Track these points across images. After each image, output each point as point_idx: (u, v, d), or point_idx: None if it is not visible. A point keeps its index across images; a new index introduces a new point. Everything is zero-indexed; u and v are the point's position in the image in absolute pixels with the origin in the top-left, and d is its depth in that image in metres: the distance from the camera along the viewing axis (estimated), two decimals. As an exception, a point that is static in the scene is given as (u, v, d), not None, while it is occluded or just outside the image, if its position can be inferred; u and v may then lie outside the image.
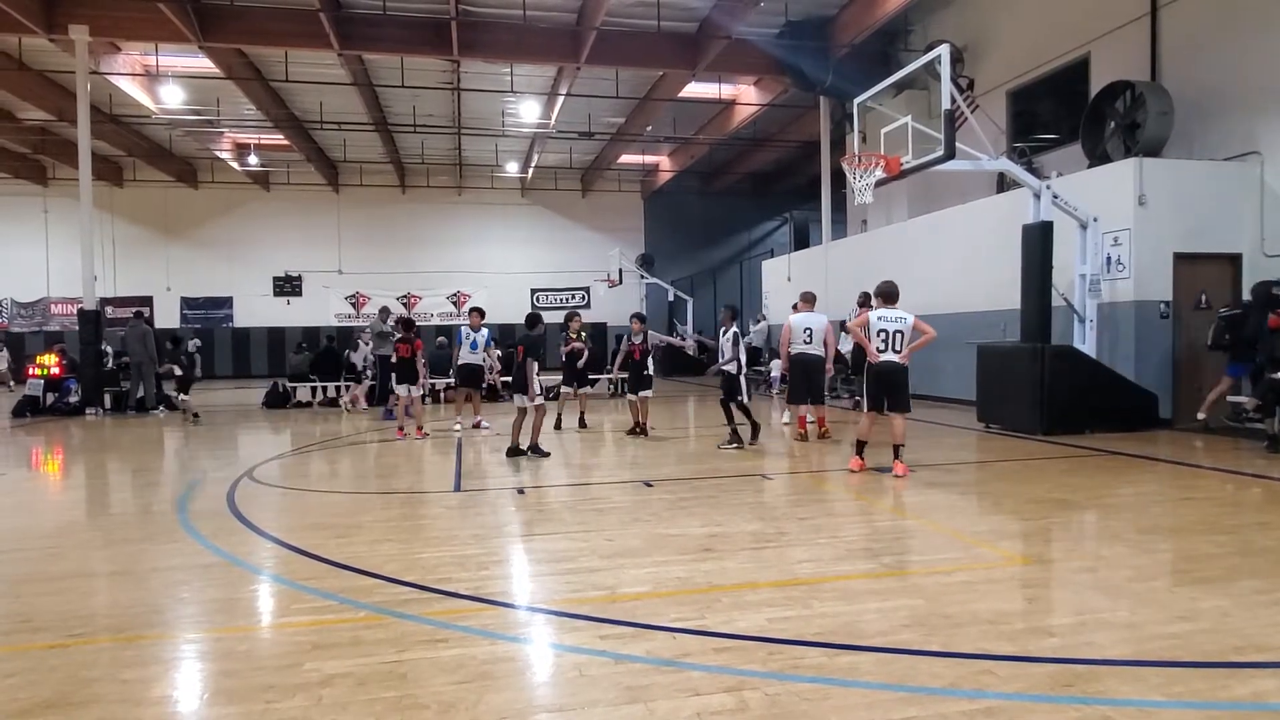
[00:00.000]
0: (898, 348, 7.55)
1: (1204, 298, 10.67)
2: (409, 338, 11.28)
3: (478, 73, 19.31)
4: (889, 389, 7.58)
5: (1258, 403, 8.96)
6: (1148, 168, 10.50)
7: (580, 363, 11.65)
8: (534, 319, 9.42)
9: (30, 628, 3.81)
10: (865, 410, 7.93)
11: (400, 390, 11.30)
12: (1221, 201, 10.58)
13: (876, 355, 7.56)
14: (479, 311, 11.74)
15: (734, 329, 9.63)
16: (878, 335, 7.56)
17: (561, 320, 12.33)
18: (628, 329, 11.40)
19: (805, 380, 10.04)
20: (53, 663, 3.37)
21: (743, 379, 9.51)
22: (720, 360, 9.70)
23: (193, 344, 14.98)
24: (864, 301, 13.65)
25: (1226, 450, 8.72)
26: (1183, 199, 10.49)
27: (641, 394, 10.71)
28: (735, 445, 9.31)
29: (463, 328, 11.69)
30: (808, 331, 9.96)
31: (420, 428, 11.20)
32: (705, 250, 31.07)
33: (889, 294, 7.79)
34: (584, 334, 11.76)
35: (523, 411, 9.10)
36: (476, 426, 11.86)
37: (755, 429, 9.69)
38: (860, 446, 7.75)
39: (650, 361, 11.00)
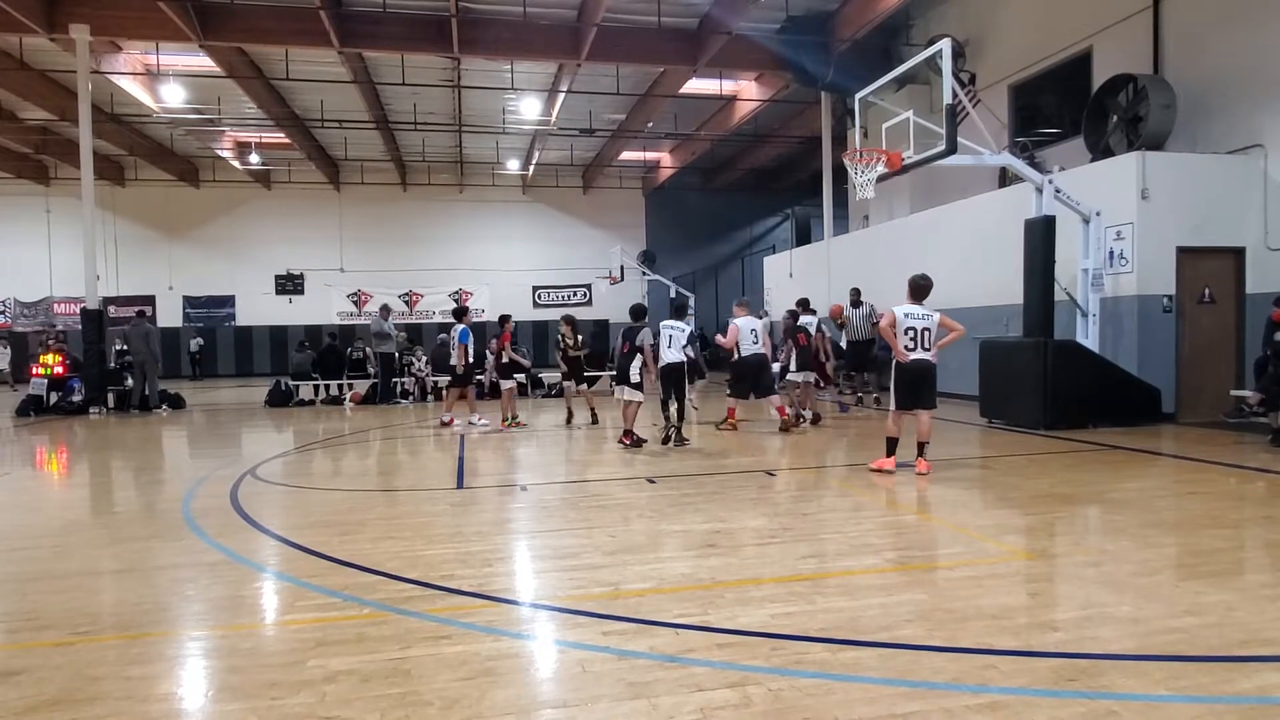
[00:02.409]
0: (927, 345, 7.37)
1: (1207, 292, 10.65)
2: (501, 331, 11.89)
3: (478, 70, 19.30)
4: (920, 387, 7.42)
5: (1261, 397, 8.95)
6: (1150, 161, 10.47)
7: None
8: (639, 311, 9.88)
9: (36, 625, 3.83)
10: (893, 409, 7.61)
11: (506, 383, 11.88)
12: (1225, 195, 10.55)
13: (905, 355, 7.36)
14: (468, 311, 12.43)
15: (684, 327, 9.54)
16: (905, 333, 7.37)
17: (558, 322, 12.56)
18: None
19: (753, 378, 10.34)
20: (59, 660, 3.38)
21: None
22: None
23: (195, 343, 15.03)
24: (855, 299, 13.69)
25: (1230, 445, 8.70)
26: (1186, 193, 10.46)
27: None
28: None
29: (465, 328, 11.75)
30: (753, 333, 10.36)
31: (505, 419, 11.56)
32: (707, 246, 31.07)
33: (920, 288, 7.56)
34: (580, 338, 12.19)
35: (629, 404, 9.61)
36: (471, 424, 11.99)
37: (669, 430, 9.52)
38: (891, 445, 7.48)
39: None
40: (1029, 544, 5.06)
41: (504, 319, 12.10)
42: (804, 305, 12.36)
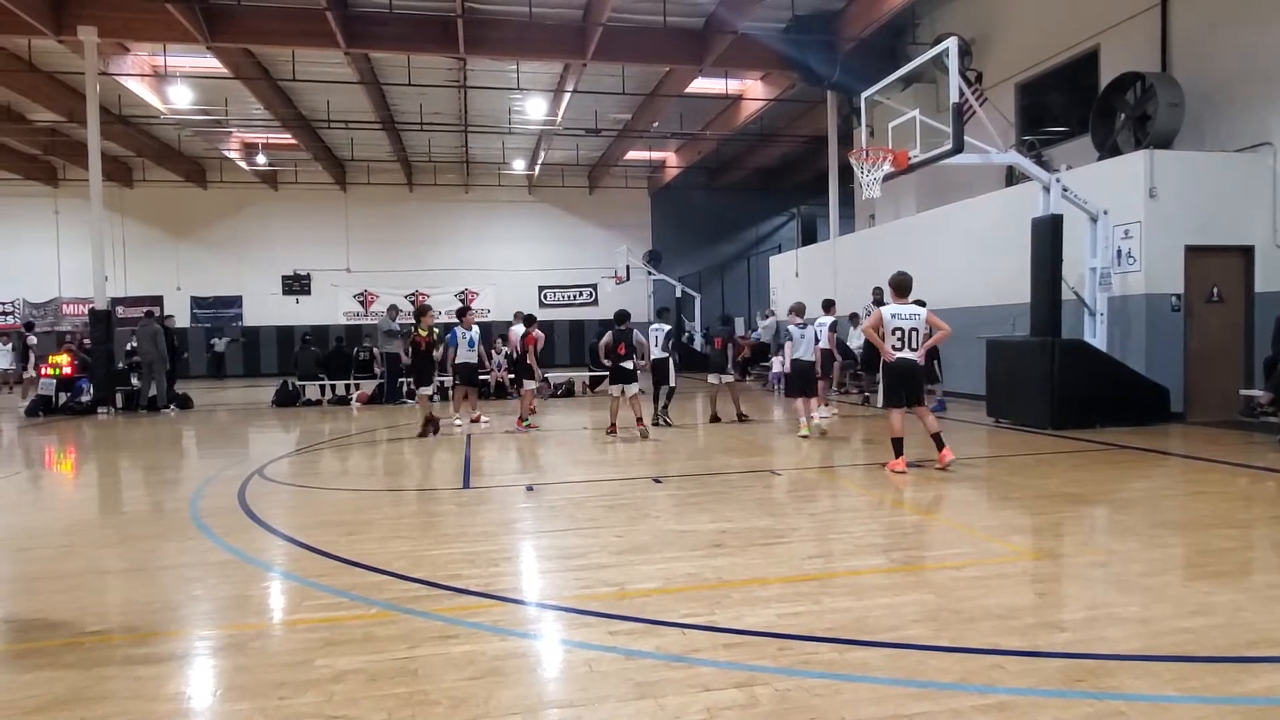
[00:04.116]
0: (914, 345, 7.40)
1: (1216, 291, 10.60)
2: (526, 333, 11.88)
3: (484, 70, 19.33)
4: (908, 384, 7.45)
5: (1271, 396, 8.90)
6: (1158, 160, 10.43)
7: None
8: (622, 315, 10.84)
9: (45, 625, 3.85)
10: (885, 407, 7.66)
11: (529, 384, 11.90)
12: (1233, 193, 10.49)
13: (892, 354, 7.41)
14: (469, 311, 12.33)
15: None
16: (893, 333, 7.40)
17: (414, 314, 11.91)
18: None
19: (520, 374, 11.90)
20: (68, 659, 3.40)
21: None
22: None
23: (222, 341, 15.05)
24: (878, 299, 13.69)
25: (1239, 444, 8.66)
26: (1194, 191, 10.41)
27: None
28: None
29: (457, 329, 11.85)
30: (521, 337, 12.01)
31: (521, 419, 11.53)
32: (713, 246, 31.07)
33: (902, 286, 7.61)
34: (435, 330, 11.42)
35: (633, 398, 10.44)
36: (475, 421, 12.03)
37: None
38: (899, 445, 7.48)
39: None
40: (1036, 544, 5.05)
41: (530, 319, 12.03)
42: (826, 306, 12.54)
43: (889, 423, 7.64)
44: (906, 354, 7.42)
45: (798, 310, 10.76)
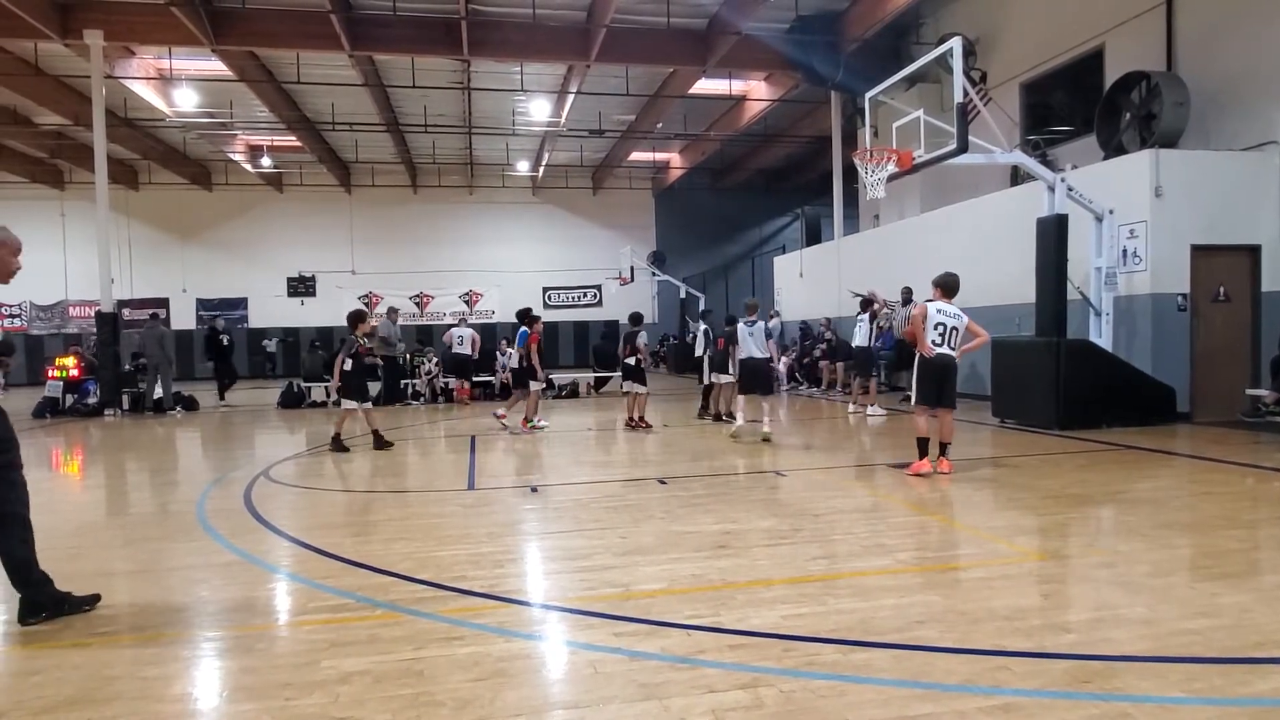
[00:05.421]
0: (953, 344, 7.37)
1: (1222, 290, 10.57)
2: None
3: (488, 72, 19.36)
4: (941, 383, 7.39)
5: (1277, 396, 8.87)
6: (1164, 159, 10.39)
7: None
8: (637, 318, 12.03)
9: (53, 626, 3.86)
10: (916, 405, 7.61)
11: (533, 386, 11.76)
12: (1239, 192, 10.46)
13: (931, 349, 7.34)
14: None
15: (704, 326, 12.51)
16: (935, 329, 7.35)
17: (348, 320, 10.46)
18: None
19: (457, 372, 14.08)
20: (75, 660, 3.42)
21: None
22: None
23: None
24: (906, 298, 13.72)
25: (1245, 444, 8.62)
26: (1200, 190, 10.37)
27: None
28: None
29: (524, 329, 11.78)
30: (460, 339, 14.21)
31: (526, 420, 11.57)
32: (717, 247, 31.08)
33: (950, 286, 7.55)
34: (373, 337, 10.49)
35: (634, 395, 11.47)
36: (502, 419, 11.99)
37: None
38: (924, 446, 7.39)
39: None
40: (1042, 545, 5.03)
41: (533, 319, 11.89)
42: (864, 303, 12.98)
43: (914, 422, 7.60)
44: (945, 350, 7.37)
45: (749, 308, 10.39)
